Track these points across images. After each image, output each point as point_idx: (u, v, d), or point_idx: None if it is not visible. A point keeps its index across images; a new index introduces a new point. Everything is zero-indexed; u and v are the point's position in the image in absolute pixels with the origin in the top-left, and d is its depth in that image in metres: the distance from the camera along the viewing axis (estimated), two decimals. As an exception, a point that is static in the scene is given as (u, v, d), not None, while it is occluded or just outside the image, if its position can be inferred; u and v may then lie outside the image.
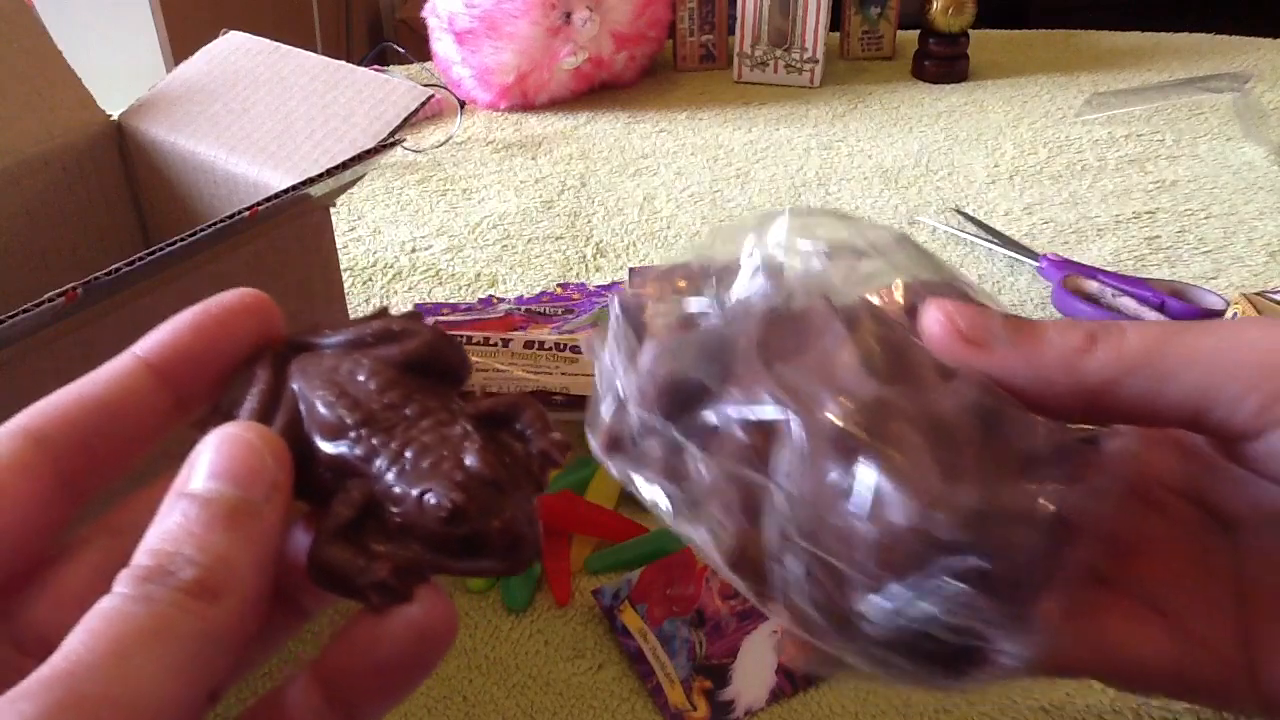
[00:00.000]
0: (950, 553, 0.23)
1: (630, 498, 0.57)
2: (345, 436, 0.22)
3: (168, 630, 0.19)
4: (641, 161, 0.97)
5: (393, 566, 0.21)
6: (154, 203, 0.61)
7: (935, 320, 0.26)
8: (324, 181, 0.45)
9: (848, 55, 1.19)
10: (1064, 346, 0.25)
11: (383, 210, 0.89)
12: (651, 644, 0.48)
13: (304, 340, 0.25)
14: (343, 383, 0.23)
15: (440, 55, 1.09)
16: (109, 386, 0.23)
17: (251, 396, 0.23)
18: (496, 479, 0.21)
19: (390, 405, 0.22)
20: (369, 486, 0.22)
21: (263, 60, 0.57)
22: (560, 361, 0.63)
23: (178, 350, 0.24)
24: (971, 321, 0.25)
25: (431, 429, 0.22)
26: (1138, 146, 0.95)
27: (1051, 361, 0.25)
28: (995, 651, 0.24)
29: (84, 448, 0.22)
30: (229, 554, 0.20)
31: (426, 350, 0.24)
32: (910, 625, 0.24)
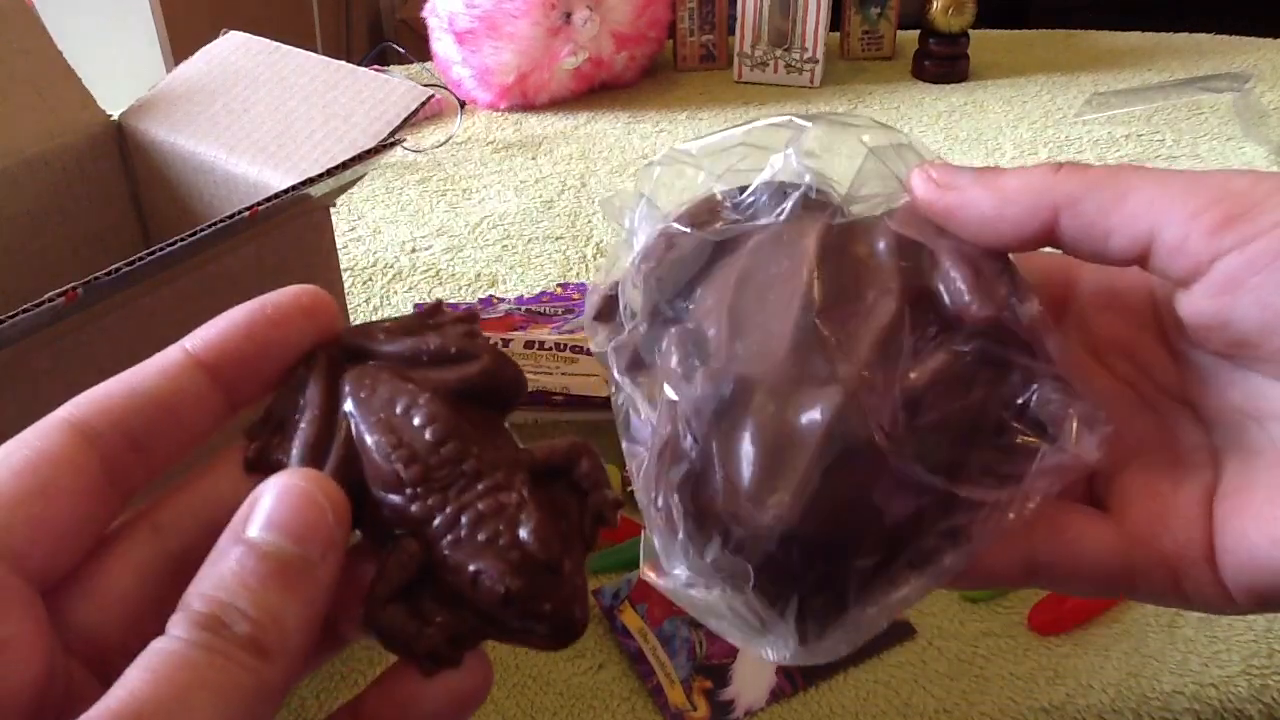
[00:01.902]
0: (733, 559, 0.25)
1: (630, 498, 0.56)
2: (401, 492, 0.22)
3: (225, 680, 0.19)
4: (641, 161, 0.97)
5: (448, 636, 0.21)
6: (154, 203, 0.61)
7: (917, 176, 0.29)
8: (324, 181, 0.45)
9: (848, 55, 1.19)
10: (1032, 172, 0.27)
11: (383, 210, 0.89)
12: (651, 644, 0.48)
13: (358, 344, 0.24)
14: (399, 428, 0.22)
15: (440, 55, 1.09)
16: (158, 380, 0.22)
17: (306, 421, 0.23)
18: (550, 560, 0.21)
19: (447, 460, 0.22)
20: (423, 548, 0.22)
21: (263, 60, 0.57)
22: (560, 361, 0.63)
23: (230, 348, 0.23)
24: (943, 171, 0.28)
25: (488, 494, 0.22)
26: (1138, 146, 0.95)
27: (1014, 186, 0.27)
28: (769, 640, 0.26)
29: (130, 442, 0.22)
30: (282, 613, 0.20)
31: (485, 379, 0.24)
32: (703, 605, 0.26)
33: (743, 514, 0.25)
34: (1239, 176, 0.25)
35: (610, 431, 0.65)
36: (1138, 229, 0.25)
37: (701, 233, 0.29)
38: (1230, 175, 0.25)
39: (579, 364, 0.63)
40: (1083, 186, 0.26)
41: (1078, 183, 0.26)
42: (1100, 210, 0.26)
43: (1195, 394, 0.28)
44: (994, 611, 0.50)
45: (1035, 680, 0.47)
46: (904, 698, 0.46)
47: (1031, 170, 0.27)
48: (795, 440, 0.25)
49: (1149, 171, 0.26)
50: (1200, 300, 0.25)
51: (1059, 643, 0.48)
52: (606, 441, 0.61)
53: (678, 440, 0.26)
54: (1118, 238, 0.26)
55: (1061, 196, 0.26)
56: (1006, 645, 0.48)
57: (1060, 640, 0.48)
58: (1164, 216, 0.25)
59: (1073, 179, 0.26)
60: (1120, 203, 0.25)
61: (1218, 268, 0.24)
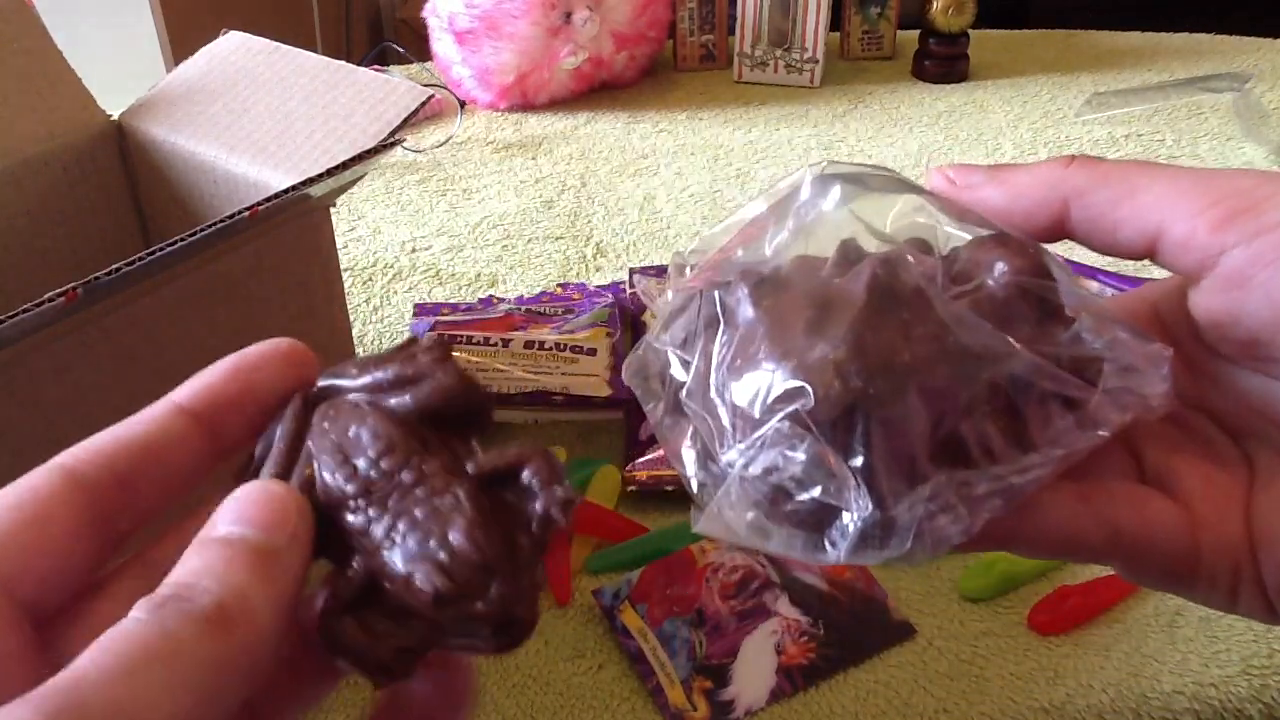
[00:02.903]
0: (790, 399, 0.24)
1: (630, 498, 0.57)
2: (346, 507, 0.22)
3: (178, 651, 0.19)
4: (641, 161, 0.97)
5: (394, 649, 0.21)
6: (154, 203, 0.61)
7: (936, 176, 0.29)
8: (324, 181, 0.45)
9: (848, 55, 1.19)
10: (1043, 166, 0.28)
11: (383, 210, 0.89)
12: (651, 644, 0.48)
13: (331, 383, 0.25)
14: (347, 447, 0.23)
15: (440, 55, 1.09)
16: (147, 429, 0.23)
17: (274, 453, 0.23)
18: (484, 560, 0.21)
19: (388, 471, 0.22)
20: (370, 561, 0.22)
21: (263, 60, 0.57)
22: (560, 361, 0.63)
23: (214, 396, 0.24)
24: (959, 170, 0.29)
25: (424, 500, 0.22)
26: (1138, 146, 0.95)
27: (1026, 180, 0.28)
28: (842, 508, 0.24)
29: (121, 487, 0.22)
30: (247, 588, 0.20)
31: (441, 398, 0.23)
32: (765, 478, 0.24)
33: (794, 349, 0.24)
34: (1245, 175, 0.25)
35: (610, 431, 0.66)
36: (1145, 223, 0.26)
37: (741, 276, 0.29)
38: (1237, 173, 0.25)
39: (579, 364, 0.63)
40: (1092, 180, 0.27)
41: (1087, 176, 0.27)
42: (1110, 203, 0.26)
43: (1213, 402, 0.28)
44: (994, 611, 0.50)
45: (1035, 680, 0.47)
46: (904, 698, 0.46)
47: (1043, 164, 0.28)
48: (841, 293, 0.25)
49: (1158, 167, 0.26)
50: (1210, 295, 0.26)
51: (1059, 643, 0.48)
52: (606, 442, 0.61)
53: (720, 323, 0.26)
54: (1126, 230, 0.26)
55: (1071, 190, 0.27)
56: (1006, 645, 0.48)
57: (1060, 640, 0.48)
58: (1171, 212, 0.25)
59: (1082, 173, 0.27)
60: (1129, 197, 0.26)
61: (1224, 262, 0.25)
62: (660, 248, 0.82)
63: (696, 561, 0.51)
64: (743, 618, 0.48)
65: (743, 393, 0.25)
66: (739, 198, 0.90)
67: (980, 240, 0.27)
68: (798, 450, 0.24)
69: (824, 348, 0.24)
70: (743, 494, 0.25)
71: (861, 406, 0.24)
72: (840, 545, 0.24)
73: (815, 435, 0.24)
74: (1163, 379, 0.26)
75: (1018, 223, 0.28)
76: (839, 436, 0.24)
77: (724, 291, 0.27)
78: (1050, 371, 0.25)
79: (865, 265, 0.26)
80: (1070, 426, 0.25)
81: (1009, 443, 0.25)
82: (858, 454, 0.24)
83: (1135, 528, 0.26)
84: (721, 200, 0.89)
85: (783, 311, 0.25)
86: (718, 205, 0.89)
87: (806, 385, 0.24)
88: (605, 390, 0.61)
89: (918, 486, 0.24)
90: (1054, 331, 0.26)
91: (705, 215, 0.87)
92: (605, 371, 0.62)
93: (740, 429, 0.25)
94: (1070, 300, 0.26)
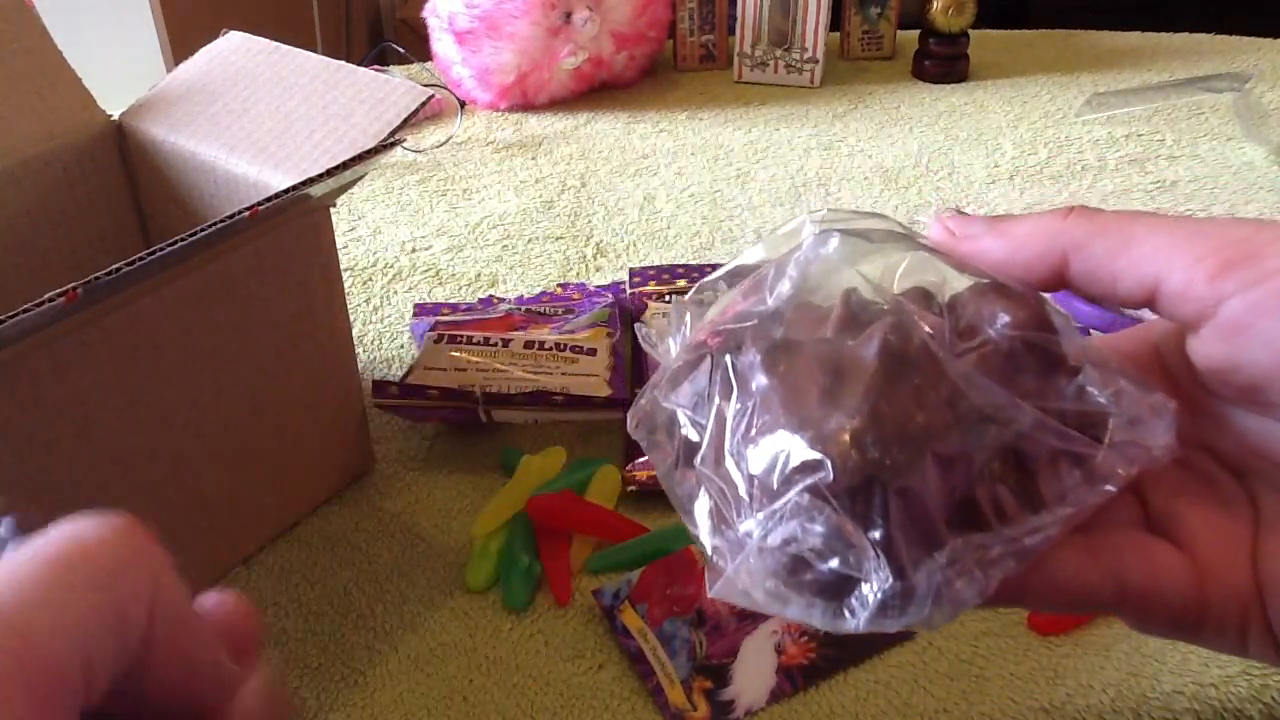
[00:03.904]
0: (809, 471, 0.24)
1: (630, 498, 0.57)
2: None
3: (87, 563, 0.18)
4: (641, 161, 0.97)
5: None
6: (154, 203, 0.61)
7: (935, 226, 0.30)
8: (324, 181, 0.45)
9: (848, 55, 1.19)
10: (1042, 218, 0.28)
11: (383, 210, 0.89)
12: (651, 644, 0.48)
13: None
14: None
15: (440, 55, 1.09)
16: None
17: None
18: None
19: None
20: None
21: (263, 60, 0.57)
22: (560, 361, 0.63)
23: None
24: (959, 221, 0.29)
25: None
26: (1138, 146, 0.95)
27: (1025, 232, 0.28)
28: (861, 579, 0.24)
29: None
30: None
31: None
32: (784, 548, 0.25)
33: (811, 418, 0.25)
34: (1240, 224, 0.26)
35: (610, 431, 0.66)
36: (1143, 273, 0.26)
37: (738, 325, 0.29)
38: (1232, 223, 0.26)
39: (579, 364, 0.63)
40: (1090, 232, 0.27)
41: (1085, 228, 0.27)
42: (1107, 255, 0.27)
43: (1215, 442, 0.29)
44: (994, 611, 0.50)
45: (1035, 680, 0.47)
46: (904, 698, 0.46)
47: (1042, 216, 0.28)
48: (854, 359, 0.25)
49: (1155, 218, 0.27)
50: (1210, 344, 0.26)
51: (1059, 643, 0.48)
52: (606, 442, 0.61)
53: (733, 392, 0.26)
54: (1125, 281, 0.27)
55: (1070, 241, 0.27)
56: (1006, 645, 0.48)
57: (1060, 640, 0.48)
58: (1168, 262, 0.26)
59: (1081, 224, 0.27)
60: (1126, 248, 0.26)
61: (1223, 311, 0.25)
62: (660, 248, 0.82)
63: (697, 561, 0.51)
64: (743, 618, 0.48)
65: (759, 462, 0.25)
66: (739, 198, 0.90)
67: (982, 289, 0.28)
68: (817, 522, 0.24)
69: (840, 418, 0.24)
70: (761, 563, 0.25)
71: (879, 477, 0.24)
72: (860, 614, 0.24)
73: (834, 507, 0.24)
74: (1166, 430, 0.26)
75: (1018, 275, 0.28)
76: (857, 507, 0.24)
77: (735, 355, 0.27)
78: (1058, 430, 0.26)
79: (876, 330, 0.26)
80: (1079, 482, 0.26)
81: (1021, 502, 0.25)
82: (877, 525, 0.24)
83: (1142, 581, 0.27)
84: (721, 200, 0.89)
85: (797, 378, 0.26)
86: (718, 205, 0.89)
87: (825, 458, 0.24)
88: (605, 390, 0.61)
89: (935, 553, 0.24)
90: (1058, 383, 0.26)
91: (705, 215, 0.87)
92: (605, 371, 0.62)
93: (757, 499, 0.25)
94: (1072, 350, 0.27)
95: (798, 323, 0.28)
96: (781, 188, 0.91)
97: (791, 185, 0.92)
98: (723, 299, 0.30)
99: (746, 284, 0.30)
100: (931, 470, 0.25)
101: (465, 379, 0.61)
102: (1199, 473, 0.29)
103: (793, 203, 0.89)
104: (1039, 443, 0.26)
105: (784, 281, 0.29)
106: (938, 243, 0.29)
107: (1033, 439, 0.25)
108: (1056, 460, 0.26)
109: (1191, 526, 0.27)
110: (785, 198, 0.90)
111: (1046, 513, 0.25)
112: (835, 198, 0.89)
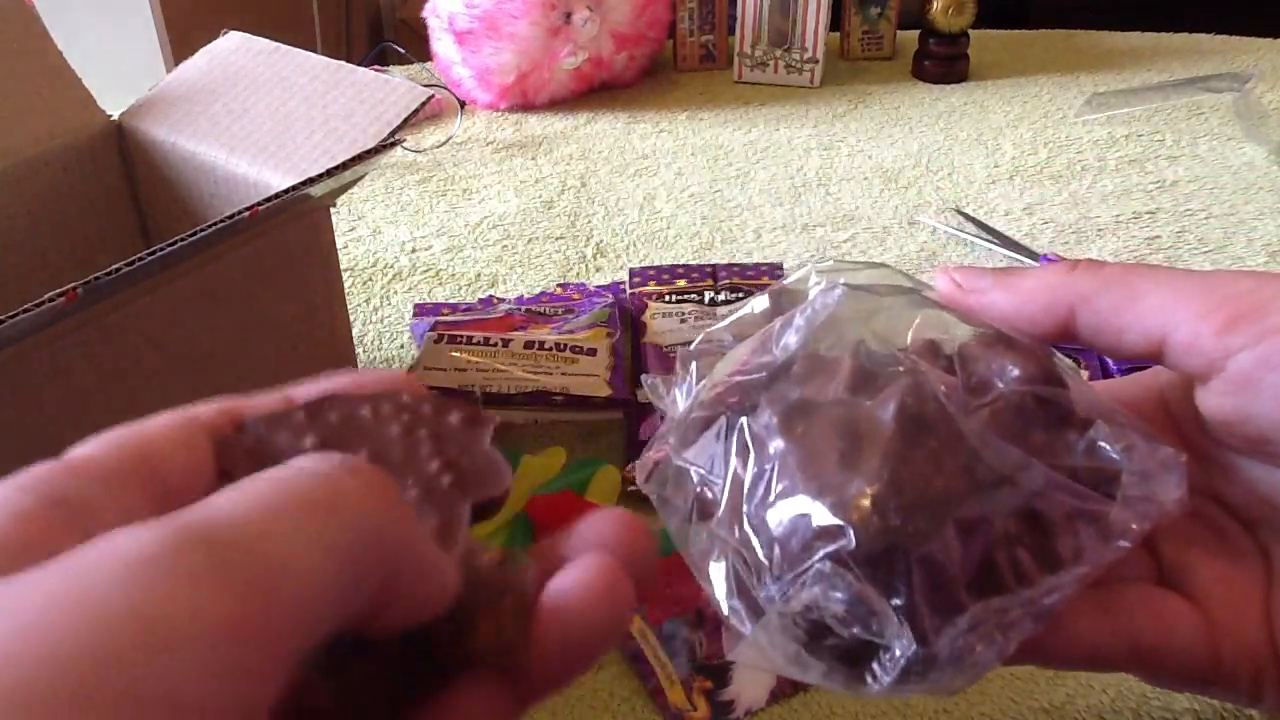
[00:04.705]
0: (830, 538, 0.24)
1: (630, 498, 0.57)
2: None
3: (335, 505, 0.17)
4: (641, 161, 0.97)
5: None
6: (154, 203, 0.61)
7: (941, 279, 0.30)
8: (324, 181, 0.45)
9: (848, 55, 1.19)
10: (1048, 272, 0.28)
11: (383, 210, 0.89)
12: (651, 644, 0.48)
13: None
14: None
15: (440, 55, 1.09)
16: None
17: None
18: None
19: None
20: None
21: (263, 60, 0.57)
22: (560, 361, 0.63)
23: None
24: (966, 274, 0.29)
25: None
26: (1138, 146, 0.95)
27: (1031, 286, 0.28)
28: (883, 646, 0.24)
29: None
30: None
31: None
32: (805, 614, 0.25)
33: (831, 484, 0.25)
34: (1246, 277, 0.26)
35: (610, 431, 0.66)
36: (1149, 328, 0.26)
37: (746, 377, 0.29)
38: (1238, 276, 0.26)
39: (579, 364, 0.63)
40: (1096, 286, 0.27)
41: (1090, 282, 0.27)
42: (1113, 309, 0.27)
43: (1223, 491, 0.29)
44: (994, 611, 0.50)
45: (1035, 680, 0.47)
46: (904, 699, 0.46)
47: (1048, 270, 0.28)
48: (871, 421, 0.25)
49: (1160, 271, 0.27)
50: (1218, 397, 0.26)
51: (1059, 643, 0.48)
52: (606, 442, 0.61)
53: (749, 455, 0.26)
54: (1131, 335, 0.27)
55: (1076, 295, 0.27)
56: (1006, 645, 0.48)
57: (1060, 640, 0.48)
58: (1174, 316, 0.26)
59: (1086, 278, 0.27)
60: (1132, 302, 0.26)
61: (1231, 365, 0.25)
62: (660, 248, 0.82)
63: (696, 561, 0.51)
64: (743, 618, 0.48)
65: (779, 527, 0.25)
66: (739, 198, 0.90)
67: (990, 342, 0.28)
68: (839, 589, 0.24)
69: (860, 484, 0.24)
70: (782, 629, 0.25)
71: (901, 544, 0.24)
72: (882, 679, 0.25)
73: (856, 575, 0.24)
74: (1178, 484, 0.26)
75: (1024, 328, 0.28)
76: (880, 575, 0.24)
77: (751, 416, 0.27)
78: (1072, 489, 0.26)
79: (892, 391, 0.26)
80: (1094, 539, 0.26)
81: (1039, 563, 0.26)
82: (899, 592, 0.24)
83: (1155, 640, 0.27)
84: (721, 200, 0.89)
85: (814, 442, 0.26)
86: (718, 205, 0.89)
87: (846, 525, 0.24)
88: (605, 390, 0.61)
89: (956, 618, 0.25)
90: (1069, 437, 0.27)
91: (705, 215, 0.87)
92: (605, 372, 0.62)
93: (778, 565, 0.25)
94: (1082, 403, 0.27)
95: (807, 376, 0.28)
96: (781, 188, 0.91)
97: (791, 185, 0.92)
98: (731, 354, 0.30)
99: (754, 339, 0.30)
100: (951, 535, 0.25)
101: (465, 379, 0.61)
102: (1209, 523, 0.29)
103: (792, 203, 0.89)
104: (1054, 501, 0.26)
105: (790, 333, 0.29)
106: (944, 296, 0.29)
107: (1048, 498, 0.26)
108: (1071, 518, 0.26)
109: (1204, 581, 0.27)
110: (785, 198, 0.90)
111: (1064, 572, 0.25)
112: (835, 197, 0.89)
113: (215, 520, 0.16)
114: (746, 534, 0.26)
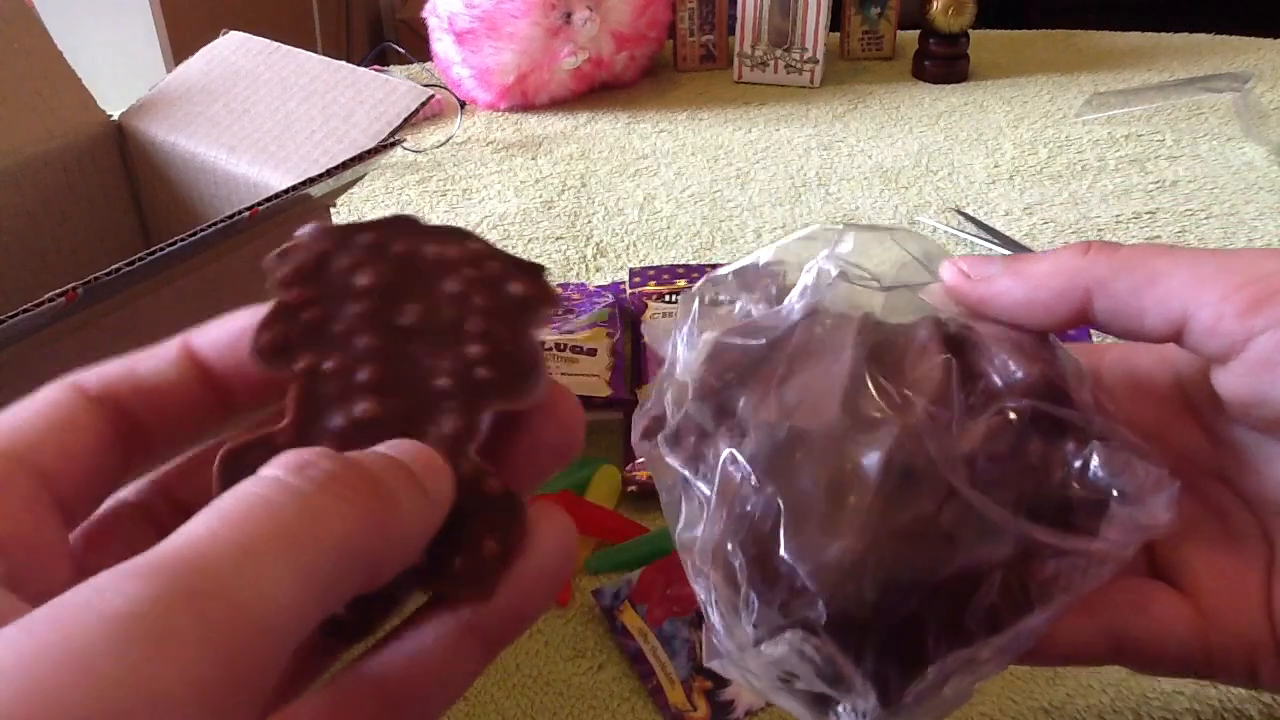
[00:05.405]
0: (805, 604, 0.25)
1: (630, 498, 0.57)
2: None
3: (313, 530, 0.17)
4: (641, 161, 0.97)
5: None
6: (154, 203, 0.61)
7: (948, 269, 0.29)
8: (324, 181, 0.45)
9: (848, 55, 1.19)
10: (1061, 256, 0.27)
11: (383, 210, 0.89)
12: (652, 644, 0.48)
13: None
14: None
15: (440, 55, 1.09)
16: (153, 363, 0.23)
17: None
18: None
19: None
20: None
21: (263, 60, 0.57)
22: (560, 362, 0.63)
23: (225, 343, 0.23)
24: (974, 263, 0.29)
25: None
26: (1138, 146, 0.95)
27: (1044, 271, 0.27)
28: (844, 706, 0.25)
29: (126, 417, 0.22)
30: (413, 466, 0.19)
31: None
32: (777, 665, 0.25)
33: (809, 547, 0.25)
34: (1266, 257, 0.26)
35: (610, 432, 0.66)
36: (1170, 309, 0.26)
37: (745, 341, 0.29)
38: (1259, 255, 0.26)
39: (579, 364, 0.63)
40: (1112, 268, 0.27)
41: (1107, 264, 0.27)
42: (1132, 292, 0.26)
43: (1234, 472, 0.28)
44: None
45: (1035, 680, 0.47)
46: (904, 698, 0.46)
47: (1060, 254, 0.27)
48: (856, 474, 0.25)
49: (1176, 252, 0.26)
50: (1238, 378, 0.26)
51: (1059, 643, 0.48)
52: (606, 442, 0.61)
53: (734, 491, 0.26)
54: (1151, 317, 0.26)
55: (1092, 279, 0.27)
56: (1006, 645, 0.48)
57: (1060, 640, 0.48)
58: (1195, 298, 0.25)
59: (1102, 261, 0.27)
60: (1152, 285, 0.26)
61: (1252, 347, 0.25)
62: (660, 248, 0.82)
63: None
64: (743, 618, 0.48)
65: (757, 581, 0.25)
66: (739, 198, 0.90)
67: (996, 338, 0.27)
68: (809, 653, 0.25)
69: (837, 551, 0.24)
70: (756, 665, 0.25)
71: (872, 619, 0.25)
72: None
73: (825, 641, 0.24)
74: (1167, 507, 0.26)
75: (1039, 315, 0.27)
76: (850, 641, 0.25)
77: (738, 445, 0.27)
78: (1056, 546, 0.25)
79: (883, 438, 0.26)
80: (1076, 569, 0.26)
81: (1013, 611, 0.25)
82: (867, 658, 0.25)
83: (1140, 633, 0.27)
84: (721, 200, 0.89)
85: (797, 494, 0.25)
86: (718, 205, 0.89)
87: (819, 596, 0.24)
88: (605, 390, 0.61)
89: (927, 670, 0.25)
90: (1064, 451, 0.26)
91: (705, 215, 0.87)
92: (605, 371, 0.62)
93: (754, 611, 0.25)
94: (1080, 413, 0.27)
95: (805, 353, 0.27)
96: (781, 188, 0.91)
97: (791, 185, 0.92)
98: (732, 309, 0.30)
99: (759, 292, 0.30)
100: (928, 608, 0.25)
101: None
102: (1212, 506, 0.29)
103: (793, 203, 0.89)
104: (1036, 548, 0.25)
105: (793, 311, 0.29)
106: (951, 285, 0.29)
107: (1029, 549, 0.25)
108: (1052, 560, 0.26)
109: (1196, 572, 0.27)
110: (785, 198, 0.90)
111: (1040, 611, 0.25)
112: (835, 197, 0.89)
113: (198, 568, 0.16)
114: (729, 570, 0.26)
